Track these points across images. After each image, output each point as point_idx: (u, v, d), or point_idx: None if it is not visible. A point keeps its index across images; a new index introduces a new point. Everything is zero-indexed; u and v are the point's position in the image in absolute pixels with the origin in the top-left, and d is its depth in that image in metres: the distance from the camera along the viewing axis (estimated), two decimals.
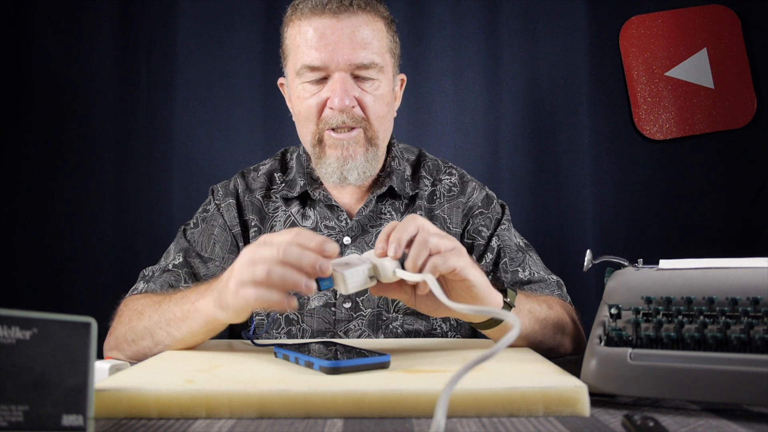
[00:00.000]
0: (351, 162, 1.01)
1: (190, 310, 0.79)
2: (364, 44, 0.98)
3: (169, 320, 0.82)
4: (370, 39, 0.98)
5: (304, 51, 0.98)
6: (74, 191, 1.82)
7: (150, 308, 0.87)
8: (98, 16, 1.84)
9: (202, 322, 0.78)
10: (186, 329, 0.80)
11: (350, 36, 0.97)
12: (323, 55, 0.97)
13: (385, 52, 1.01)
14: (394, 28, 1.05)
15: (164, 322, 0.83)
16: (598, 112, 1.89)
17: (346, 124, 0.99)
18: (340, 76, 0.98)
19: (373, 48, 0.98)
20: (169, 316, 0.82)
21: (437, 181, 1.14)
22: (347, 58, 0.97)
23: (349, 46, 0.97)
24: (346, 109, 0.98)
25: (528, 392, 0.58)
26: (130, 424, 0.56)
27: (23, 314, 0.46)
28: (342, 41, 0.97)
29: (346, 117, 0.99)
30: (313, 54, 0.97)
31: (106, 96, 1.84)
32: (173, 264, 1.04)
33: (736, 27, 1.88)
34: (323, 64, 0.98)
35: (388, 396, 0.57)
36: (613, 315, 0.67)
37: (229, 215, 1.09)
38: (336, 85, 0.98)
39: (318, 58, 0.97)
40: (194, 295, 0.80)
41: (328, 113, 1.00)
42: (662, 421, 0.54)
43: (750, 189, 1.86)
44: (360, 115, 1.00)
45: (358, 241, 1.07)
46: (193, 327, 0.80)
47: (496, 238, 1.10)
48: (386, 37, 1.02)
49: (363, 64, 0.98)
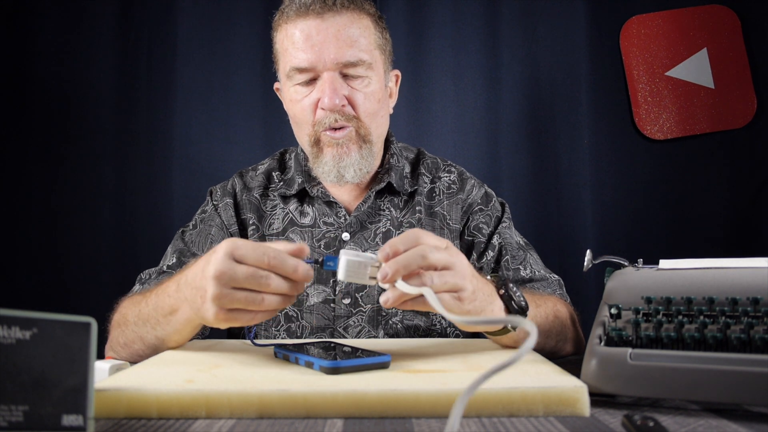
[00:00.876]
0: (346, 159, 1.01)
1: (170, 305, 0.78)
2: (350, 42, 0.98)
3: (153, 324, 0.82)
4: (357, 36, 0.99)
5: (292, 53, 0.99)
6: (74, 191, 1.82)
7: (132, 312, 0.86)
8: (98, 16, 1.84)
9: (182, 321, 0.77)
10: (170, 327, 0.80)
11: (336, 35, 0.97)
12: (310, 56, 0.97)
13: (373, 49, 1.02)
14: (383, 24, 1.05)
15: (149, 326, 0.82)
16: (598, 112, 1.90)
17: (338, 122, 1.00)
18: (328, 76, 0.98)
19: (360, 45, 0.99)
20: (152, 321, 0.81)
21: (436, 179, 1.14)
22: (334, 57, 0.97)
23: (335, 45, 0.97)
24: (336, 108, 0.98)
25: (528, 392, 0.58)
26: (130, 424, 0.56)
27: (23, 314, 0.46)
28: (328, 41, 0.97)
29: (338, 116, 0.99)
30: (301, 56, 0.98)
31: (106, 96, 1.84)
32: (167, 265, 1.05)
33: (736, 27, 1.88)
34: (311, 65, 0.98)
35: (388, 396, 0.57)
36: (613, 315, 0.67)
37: (226, 215, 1.09)
38: (325, 85, 0.98)
39: (305, 60, 0.98)
40: (172, 286, 0.78)
41: (321, 114, 1.00)
42: (662, 421, 0.54)
43: (750, 189, 1.86)
44: (351, 114, 1.00)
45: (357, 237, 1.07)
46: (176, 325, 0.79)
47: (498, 236, 1.10)
48: (374, 33, 1.02)
49: (350, 62, 0.98)
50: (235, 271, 0.66)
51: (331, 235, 1.07)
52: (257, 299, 0.67)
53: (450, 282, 0.68)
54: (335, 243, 1.07)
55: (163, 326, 0.80)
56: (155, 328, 0.82)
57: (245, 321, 0.69)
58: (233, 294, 0.66)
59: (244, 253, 0.67)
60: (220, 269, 0.66)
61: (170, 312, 0.78)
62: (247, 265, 0.66)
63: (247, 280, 0.66)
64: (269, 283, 0.66)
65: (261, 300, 0.67)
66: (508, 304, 0.77)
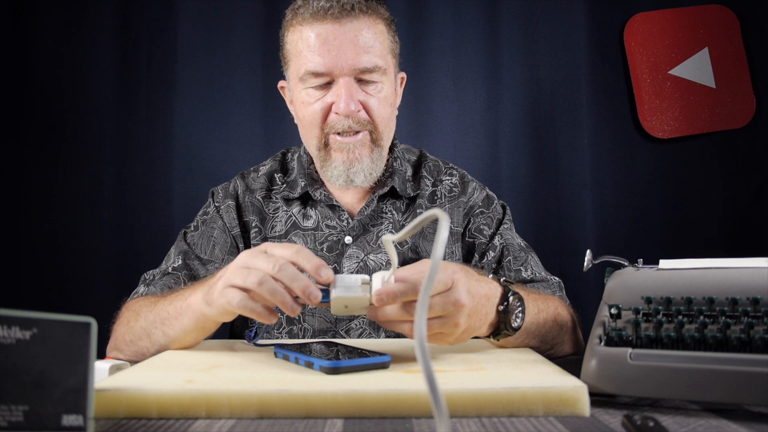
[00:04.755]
0: (357, 165, 1.01)
1: (183, 306, 0.79)
2: (366, 48, 0.98)
3: (163, 319, 0.82)
4: (373, 42, 0.98)
5: (307, 57, 0.98)
6: (74, 191, 1.82)
7: (146, 309, 0.87)
8: (98, 16, 1.84)
9: (193, 318, 0.78)
10: (179, 327, 0.81)
11: (353, 41, 0.97)
12: (327, 60, 0.97)
13: (387, 54, 1.02)
14: (394, 27, 1.06)
15: (159, 322, 0.83)
16: (598, 112, 1.89)
17: (351, 128, 1.00)
18: (344, 81, 0.98)
19: (375, 51, 0.99)
20: (164, 315, 0.82)
21: (438, 182, 1.14)
22: (351, 63, 0.97)
23: (352, 50, 0.97)
24: (351, 113, 0.98)
25: (528, 392, 0.58)
26: (130, 424, 0.56)
27: (23, 314, 0.46)
28: (345, 46, 0.96)
29: (351, 121, 0.99)
30: (317, 60, 0.97)
31: (106, 96, 1.84)
32: (173, 267, 1.05)
33: (736, 27, 1.88)
34: (327, 70, 0.97)
35: (388, 396, 0.57)
36: (613, 315, 0.67)
37: (228, 217, 1.09)
38: (341, 90, 0.98)
39: (322, 64, 0.97)
40: (188, 291, 0.81)
41: (334, 118, 1.00)
42: (662, 421, 0.54)
43: (750, 189, 1.86)
44: (365, 119, 1.00)
45: (360, 241, 1.07)
46: (185, 324, 0.80)
47: (499, 237, 1.10)
48: (387, 38, 1.03)
49: (367, 68, 0.98)
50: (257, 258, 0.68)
51: (333, 238, 1.07)
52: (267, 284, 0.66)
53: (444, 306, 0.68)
54: (338, 246, 1.07)
55: (172, 322, 0.81)
56: (164, 323, 0.82)
57: (246, 307, 0.68)
58: (247, 272, 0.68)
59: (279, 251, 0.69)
60: (249, 252, 0.70)
61: (185, 306, 0.79)
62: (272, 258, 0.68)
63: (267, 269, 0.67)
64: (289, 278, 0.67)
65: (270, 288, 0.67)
66: (500, 321, 0.77)
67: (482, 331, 0.76)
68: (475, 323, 0.73)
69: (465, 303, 0.68)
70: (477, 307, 0.72)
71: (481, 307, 0.73)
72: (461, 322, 0.70)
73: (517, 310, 0.78)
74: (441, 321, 0.69)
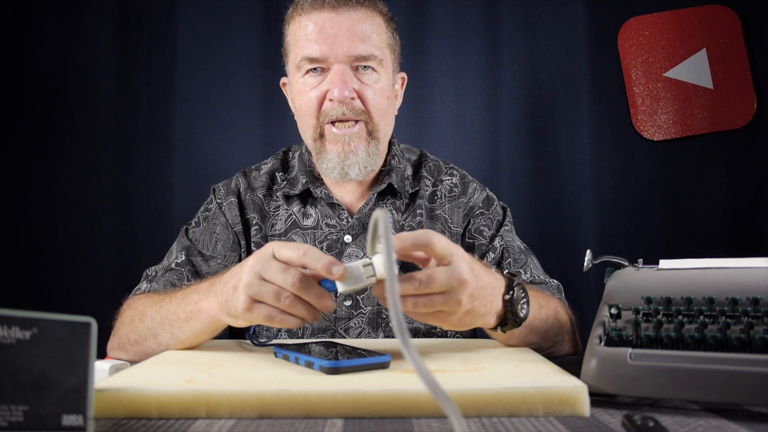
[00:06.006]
0: (352, 157, 1.01)
1: (194, 311, 0.79)
2: (363, 37, 0.99)
3: (172, 321, 0.82)
4: (369, 32, 1.00)
5: (304, 44, 1.00)
6: (74, 191, 1.82)
7: (151, 308, 0.87)
8: (98, 16, 1.85)
9: (206, 323, 0.78)
10: (190, 330, 0.80)
11: (349, 29, 0.98)
12: (322, 47, 0.98)
13: (384, 47, 1.03)
14: (393, 25, 1.06)
15: (167, 324, 0.82)
16: (598, 112, 1.89)
17: (346, 116, 1.00)
18: (339, 68, 0.99)
19: (372, 41, 1.00)
20: (172, 317, 0.82)
21: (438, 182, 1.14)
22: (346, 50, 0.98)
23: (348, 38, 0.98)
24: (345, 100, 0.99)
25: (528, 392, 0.58)
26: (130, 424, 0.56)
27: (23, 314, 0.46)
28: (341, 34, 0.98)
29: (345, 109, 0.99)
30: (313, 46, 0.99)
31: (106, 96, 1.84)
32: (176, 263, 1.05)
33: (736, 27, 1.88)
34: (322, 56, 0.99)
35: (388, 396, 0.57)
36: (613, 315, 0.67)
37: (230, 214, 1.09)
38: (335, 76, 0.99)
39: (317, 50, 0.99)
40: (196, 295, 0.80)
41: (328, 105, 1.00)
42: (662, 421, 0.54)
43: (750, 189, 1.86)
44: (360, 108, 1.01)
45: (359, 239, 1.07)
46: (197, 327, 0.79)
47: (500, 239, 1.10)
48: (385, 32, 1.03)
49: (362, 56, 0.99)
50: (270, 268, 0.67)
51: (333, 237, 1.07)
52: (286, 300, 0.66)
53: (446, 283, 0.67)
54: (337, 245, 1.07)
55: (182, 325, 0.80)
56: (173, 325, 0.82)
57: (267, 317, 0.68)
58: (264, 285, 0.67)
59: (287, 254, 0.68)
60: (259, 257, 0.68)
61: (195, 310, 0.78)
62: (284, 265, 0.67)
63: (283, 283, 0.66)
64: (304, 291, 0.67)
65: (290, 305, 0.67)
66: (507, 311, 0.76)
67: (488, 320, 0.75)
68: (480, 308, 0.72)
69: (467, 279, 0.67)
70: (481, 290, 0.71)
71: (486, 294, 0.72)
72: (463, 299, 0.68)
73: (522, 301, 0.77)
74: (443, 297, 0.67)
